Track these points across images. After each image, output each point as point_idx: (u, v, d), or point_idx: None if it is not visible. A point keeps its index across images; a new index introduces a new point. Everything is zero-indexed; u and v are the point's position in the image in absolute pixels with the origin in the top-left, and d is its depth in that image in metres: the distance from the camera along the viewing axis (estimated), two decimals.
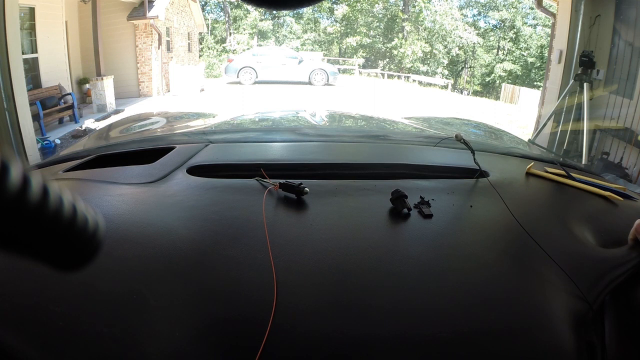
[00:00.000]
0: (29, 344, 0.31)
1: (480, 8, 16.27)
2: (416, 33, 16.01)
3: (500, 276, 0.42)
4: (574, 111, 3.33)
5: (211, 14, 16.78)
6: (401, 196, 0.52)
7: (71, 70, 6.90)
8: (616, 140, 3.37)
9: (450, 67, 16.29)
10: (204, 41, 15.82)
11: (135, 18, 8.43)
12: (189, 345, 0.32)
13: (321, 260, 0.42)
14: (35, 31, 5.88)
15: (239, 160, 0.70)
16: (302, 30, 16.95)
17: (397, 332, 0.34)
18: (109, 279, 0.38)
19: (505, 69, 15.43)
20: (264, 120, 1.61)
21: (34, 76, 5.86)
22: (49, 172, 0.72)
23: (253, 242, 0.44)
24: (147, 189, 0.57)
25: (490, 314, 0.37)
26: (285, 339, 0.33)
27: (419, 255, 0.44)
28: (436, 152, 0.87)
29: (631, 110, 3.18)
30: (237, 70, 11.31)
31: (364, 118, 1.62)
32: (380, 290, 0.39)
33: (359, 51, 16.54)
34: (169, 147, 0.76)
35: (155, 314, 0.35)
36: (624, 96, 3.28)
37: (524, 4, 15.35)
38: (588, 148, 3.00)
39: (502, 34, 16.05)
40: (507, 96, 12.25)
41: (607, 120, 3.40)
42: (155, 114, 2.09)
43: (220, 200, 0.53)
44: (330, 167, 0.67)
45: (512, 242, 0.47)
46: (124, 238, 0.44)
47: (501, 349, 0.34)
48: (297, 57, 11.87)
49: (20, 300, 0.35)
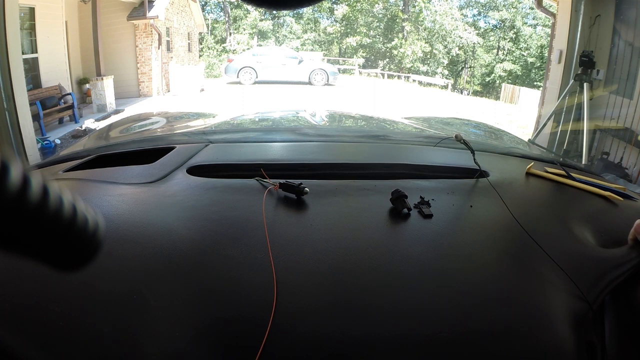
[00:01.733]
0: (29, 344, 0.31)
1: (480, 8, 16.27)
2: (416, 33, 16.01)
3: (500, 276, 0.42)
4: (574, 111, 3.33)
5: (211, 14, 16.79)
6: (401, 196, 0.52)
7: (71, 70, 6.90)
8: (616, 140, 3.37)
9: (450, 67, 16.29)
10: (204, 41, 15.82)
11: (135, 18, 8.43)
12: (189, 345, 0.32)
13: (321, 260, 0.42)
14: (35, 31, 5.88)
15: (239, 160, 0.70)
16: (302, 30, 16.95)
17: (397, 332, 0.34)
18: (109, 279, 0.38)
19: (505, 69, 15.43)
20: (264, 120, 1.61)
21: (34, 76, 5.86)
22: (49, 172, 0.72)
23: (253, 242, 0.44)
24: (147, 189, 0.57)
25: (490, 314, 0.37)
26: (285, 339, 0.33)
27: (419, 255, 0.44)
28: (436, 152, 0.87)
29: (631, 110, 3.18)
30: (237, 70, 11.31)
31: (364, 118, 1.62)
32: (380, 290, 0.39)
33: (359, 51, 16.54)
34: (169, 147, 0.76)
35: (155, 314, 0.35)
36: (624, 96, 3.28)
37: (524, 4, 15.36)
38: (588, 148, 3.00)
39: (502, 34, 16.05)
40: (507, 96, 12.25)
41: (607, 120, 3.40)
42: (155, 114, 2.09)
43: (220, 200, 0.53)
44: (330, 167, 0.67)
45: (512, 242, 0.47)
46: (124, 238, 0.44)
47: (501, 349, 0.34)
48: (297, 57, 11.87)
49: (20, 300, 0.35)
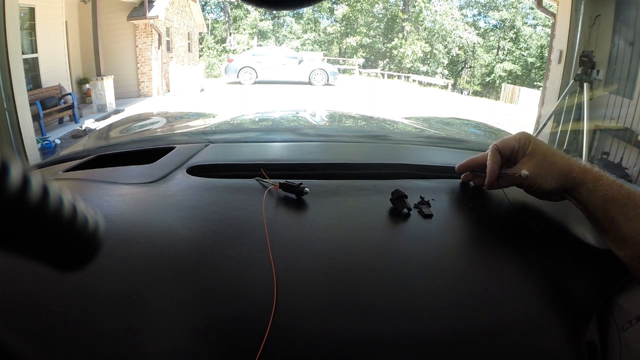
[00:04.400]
0: (29, 344, 0.31)
1: (480, 8, 16.29)
2: (416, 33, 16.03)
3: (501, 276, 0.42)
4: (574, 111, 3.33)
5: (211, 14, 16.81)
6: (401, 196, 0.52)
7: (71, 70, 6.91)
8: (616, 140, 3.37)
9: (450, 67, 16.31)
10: (204, 41, 15.83)
11: (135, 18, 8.44)
12: (189, 345, 0.32)
13: (321, 260, 0.42)
14: (35, 31, 5.89)
15: (239, 160, 0.70)
16: (302, 30, 16.96)
17: (397, 332, 0.34)
18: (109, 279, 0.38)
19: (505, 69, 15.44)
20: (264, 120, 1.61)
21: (34, 76, 5.86)
22: (49, 172, 0.72)
23: (253, 242, 0.44)
24: (147, 189, 0.57)
25: (490, 314, 0.37)
26: (285, 339, 0.33)
27: (419, 255, 0.44)
28: (436, 152, 0.87)
29: (631, 110, 3.18)
30: (237, 70, 11.32)
31: (364, 118, 1.62)
32: (380, 290, 0.39)
33: (359, 51, 16.56)
34: (169, 147, 0.76)
35: (155, 314, 0.35)
36: (624, 96, 3.28)
37: (524, 4, 15.37)
38: (588, 148, 2.99)
39: (502, 34, 16.06)
40: (507, 96, 12.25)
41: (607, 120, 3.40)
42: (155, 114, 2.09)
43: (220, 200, 0.53)
44: (330, 167, 0.67)
45: (512, 242, 0.47)
46: (124, 238, 0.44)
47: (501, 349, 0.34)
48: (297, 57, 11.89)
49: (20, 300, 0.35)
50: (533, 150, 0.51)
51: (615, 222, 0.44)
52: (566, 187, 0.49)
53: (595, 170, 0.48)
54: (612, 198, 0.45)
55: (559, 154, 0.51)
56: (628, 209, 0.44)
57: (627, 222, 0.43)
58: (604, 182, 0.46)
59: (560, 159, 0.50)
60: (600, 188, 0.46)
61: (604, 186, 0.46)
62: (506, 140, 0.53)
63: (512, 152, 0.53)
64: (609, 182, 0.46)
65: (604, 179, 0.46)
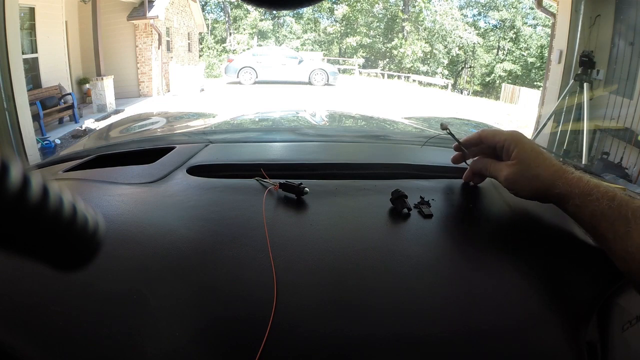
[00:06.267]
0: (29, 344, 0.31)
1: (480, 8, 16.30)
2: (416, 33, 16.03)
3: (501, 276, 0.42)
4: (574, 111, 3.33)
5: (211, 14, 16.82)
6: (401, 196, 0.51)
7: (71, 70, 6.92)
8: (616, 140, 3.37)
9: (450, 67, 16.32)
10: (204, 41, 15.84)
11: (135, 18, 8.44)
12: (189, 345, 0.32)
13: (321, 260, 0.42)
14: (35, 31, 5.89)
15: (239, 160, 0.70)
16: (302, 30, 16.97)
17: (397, 332, 0.34)
18: (109, 279, 0.38)
19: (505, 69, 15.45)
20: (264, 120, 1.61)
21: (34, 76, 5.87)
22: (49, 172, 0.72)
23: (253, 242, 0.44)
24: (147, 189, 0.57)
25: (490, 314, 0.37)
26: (285, 339, 0.33)
27: (419, 255, 0.44)
28: (437, 152, 0.87)
29: (631, 110, 3.18)
30: (237, 70, 11.33)
31: (364, 118, 1.62)
32: (381, 290, 0.39)
33: (359, 51, 16.56)
34: (169, 147, 0.76)
35: (155, 314, 0.35)
36: (624, 96, 3.28)
37: (524, 4, 15.38)
38: (588, 148, 2.99)
39: (502, 34, 16.07)
40: (507, 96, 12.26)
41: (607, 120, 3.40)
42: (155, 114, 2.09)
43: (220, 200, 0.53)
44: (330, 167, 0.67)
45: (513, 242, 0.47)
46: (124, 238, 0.44)
47: (501, 349, 0.34)
48: (297, 57, 11.89)
49: (20, 300, 0.35)
50: (517, 157, 0.49)
51: (605, 240, 0.42)
52: (547, 200, 0.47)
53: (584, 182, 0.44)
54: (601, 214, 0.42)
55: (546, 163, 0.47)
56: (618, 226, 0.40)
57: (617, 240, 0.40)
58: (593, 198, 0.43)
59: (545, 171, 0.46)
60: (588, 203, 0.43)
61: (593, 202, 0.43)
62: (497, 133, 0.52)
63: (496, 147, 0.52)
64: (598, 197, 0.43)
65: (593, 194, 0.43)
